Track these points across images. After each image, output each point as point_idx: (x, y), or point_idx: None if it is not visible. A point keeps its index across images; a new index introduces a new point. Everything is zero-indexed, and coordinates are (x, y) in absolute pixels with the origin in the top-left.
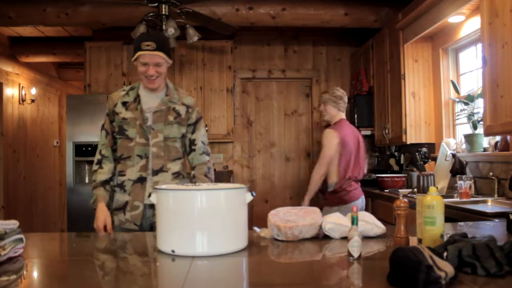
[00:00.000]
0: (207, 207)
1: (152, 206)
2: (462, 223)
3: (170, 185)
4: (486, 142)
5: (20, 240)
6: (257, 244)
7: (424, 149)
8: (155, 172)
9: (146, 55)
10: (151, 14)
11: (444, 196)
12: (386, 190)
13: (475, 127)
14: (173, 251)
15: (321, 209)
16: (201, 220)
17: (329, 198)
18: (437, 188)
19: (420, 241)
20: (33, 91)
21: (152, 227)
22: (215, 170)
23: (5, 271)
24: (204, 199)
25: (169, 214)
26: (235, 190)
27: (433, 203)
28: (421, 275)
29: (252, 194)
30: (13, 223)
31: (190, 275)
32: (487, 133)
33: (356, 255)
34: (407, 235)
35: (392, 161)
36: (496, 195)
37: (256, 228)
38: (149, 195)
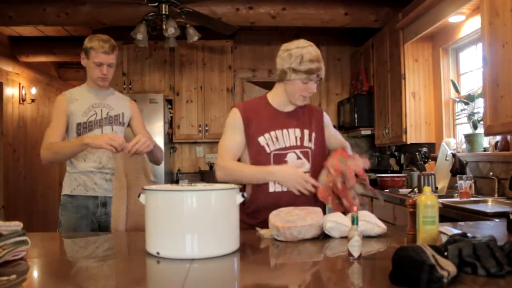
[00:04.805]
0: (197, 208)
1: None
2: (462, 223)
3: (160, 185)
4: (486, 142)
5: (23, 242)
6: (256, 244)
7: (424, 149)
8: None
9: None
10: (151, 13)
11: (444, 196)
12: (386, 190)
13: (475, 127)
14: (158, 253)
15: None
16: (190, 221)
17: None
18: (436, 188)
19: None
20: (33, 90)
21: None
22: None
23: (3, 273)
24: (193, 200)
25: (157, 215)
26: (225, 191)
27: (432, 203)
28: (424, 274)
29: (243, 196)
30: (16, 225)
31: (179, 279)
32: (487, 133)
33: (356, 255)
34: None
35: (392, 161)
36: (496, 195)
37: (258, 228)
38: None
